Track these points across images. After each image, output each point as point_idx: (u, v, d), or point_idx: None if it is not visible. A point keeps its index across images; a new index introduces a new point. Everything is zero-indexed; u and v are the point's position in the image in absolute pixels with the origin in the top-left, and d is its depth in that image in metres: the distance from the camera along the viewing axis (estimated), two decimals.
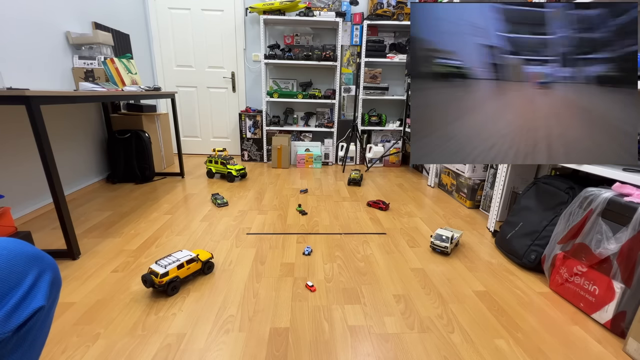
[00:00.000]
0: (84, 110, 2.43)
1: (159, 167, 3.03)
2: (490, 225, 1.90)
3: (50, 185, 1.36)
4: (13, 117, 1.82)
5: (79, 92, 1.55)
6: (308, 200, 2.33)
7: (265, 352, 0.97)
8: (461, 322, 1.12)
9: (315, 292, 1.27)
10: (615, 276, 1.07)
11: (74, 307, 1.15)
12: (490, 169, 2.13)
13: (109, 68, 2.16)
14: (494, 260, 1.55)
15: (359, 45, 3.48)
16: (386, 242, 1.72)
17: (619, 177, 1.14)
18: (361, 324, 1.10)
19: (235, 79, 3.59)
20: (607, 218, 1.11)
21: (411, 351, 0.99)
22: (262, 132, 3.46)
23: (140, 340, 1.01)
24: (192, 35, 3.43)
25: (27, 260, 0.47)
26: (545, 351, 1.00)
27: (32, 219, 1.91)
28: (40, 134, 1.29)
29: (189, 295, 1.23)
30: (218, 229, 1.82)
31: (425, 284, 1.35)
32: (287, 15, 3.14)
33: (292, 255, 1.55)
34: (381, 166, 3.54)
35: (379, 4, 3.32)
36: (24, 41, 1.88)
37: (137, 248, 1.58)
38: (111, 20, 2.74)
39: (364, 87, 3.44)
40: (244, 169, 2.83)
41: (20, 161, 1.88)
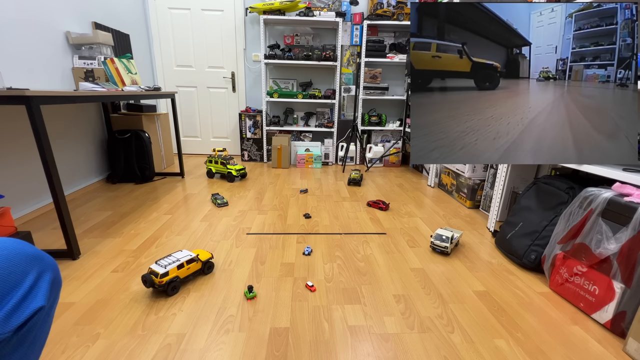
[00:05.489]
0: (84, 110, 2.43)
1: (159, 167, 3.03)
2: (490, 225, 1.90)
3: (50, 185, 1.36)
4: (13, 117, 1.82)
5: (79, 92, 1.55)
6: (308, 200, 2.33)
7: (265, 352, 0.97)
8: (461, 322, 1.12)
9: (315, 292, 1.27)
10: (615, 276, 1.07)
11: (74, 307, 1.15)
12: (490, 169, 2.13)
13: (109, 68, 2.16)
14: (494, 260, 1.55)
15: (359, 45, 3.48)
16: (386, 242, 1.72)
17: (619, 177, 1.14)
18: (361, 324, 1.10)
19: (235, 79, 3.59)
20: (607, 218, 1.11)
21: (411, 351, 0.99)
22: (262, 132, 3.46)
23: (140, 340, 1.01)
24: (192, 35, 3.43)
25: (27, 260, 0.47)
26: (545, 351, 1.00)
27: (32, 219, 1.91)
28: (40, 134, 1.29)
29: (189, 295, 1.23)
30: (218, 229, 1.82)
31: (425, 284, 1.35)
32: (287, 15, 3.14)
33: (292, 255, 1.55)
34: (381, 166, 3.54)
35: (379, 4, 3.32)
36: (24, 41, 1.88)
37: (137, 248, 1.58)
38: (111, 20, 2.74)
39: (364, 87, 3.44)
40: (244, 169, 2.83)
41: (20, 161, 1.88)
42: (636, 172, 1.13)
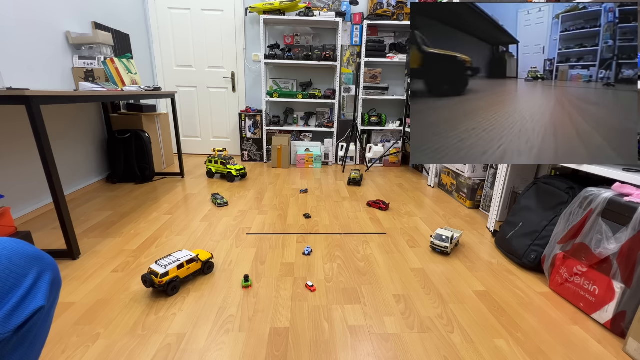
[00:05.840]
0: (84, 110, 2.43)
1: (159, 167, 3.03)
2: (490, 225, 1.90)
3: (50, 185, 1.36)
4: (13, 117, 1.82)
5: (79, 92, 1.55)
6: (308, 200, 2.33)
7: (265, 352, 0.97)
8: (461, 322, 1.12)
9: (315, 292, 1.27)
10: (615, 276, 1.07)
11: (74, 307, 1.15)
12: (490, 169, 2.13)
13: (109, 68, 2.16)
14: (494, 260, 1.55)
15: (359, 45, 3.48)
16: (386, 242, 1.72)
17: (619, 177, 1.14)
18: (361, 324, 1.10)
19: (235, 79, 3.59)
20: (607, 218, 1.11)
21: (411, 351, 0.99)
22: (262, 132, 3.46)
23: (140, 340, 1.01)
24: (192, 35, 3.43)
25: (27, 260, 0.47)
26: (545, 351, 1.00)
27: (32, 219, 1.91)
28: (40, 134, 1.29)
29: (189, 295, 1.23)
30: (218, 229, 1.82)
31: (425, 284, 1.35)
32: (287, 15, 3.14)
33: (292, 255, 1.55)
34: (381, 166, 3.54)
35: (379, 4, 3.32)
36: (24, 41, 1.88)
37: (137, 248, 1.58)
38: (111, 20, 2.74)
39: (364, 87, 3.44)
40: (244, 169, 2.83)
41: (20, 161, 1.88)
42: (636, 172, 1.13)
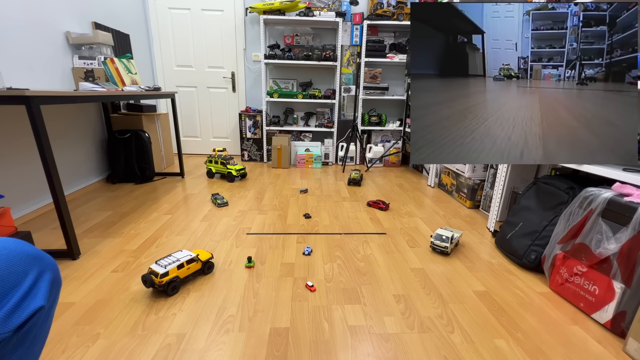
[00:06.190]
0: (84, 110, 2.43)
1: (159, 167, 3.03)
2: (490, 225, 1.90)
3: (50, 185, 1.36)
4: (13, 117, 1.82)
5: (79, 92, 1.55)
6: (308, 200, 2.33)
7: (265, 352, 0.97)
8: (461, 322, 1.12)
9: (315, 292, 1.27)
10: (615, 276, 1.07)
11: (74, 307, 1.15)
12: (490, 169, 2.13)
13: (109, 68, 2.16)
14: (494, 260, 1.55)
15: (359, 45, 3.48)
16: (386, 242, 1.72)
17: (619, 177, 1.14)
18: (361, 324, 1.10)
19: (235, 79, 3.59)
20: (607, 218, 1.11)
21: (411, 351, 0.99)
22: (262, 132, 3.46)
23: (140, 340, 1.01)
24: (192, 35, 3.43)
25: (27, 260, 0.47)
26: (545, 351, 1.00)
27: (32, 219, 1.91)
28: (40, 134, 1.29)
29: (189, 295, 1.23)
30: (218, 229, 1.82)
31: (425, 284, 1.35)
32: (287, 15, 3.14)
33: (292, 255, 1.55)
34: (381, 166, 3.54)
35: (379, 4, 3.32)
36: (24, 41, 1.88)
37: (137, 248, 1.58)
38: (111, 20, 2.74)
39: (364, 87, 3.44)
40: (244, 169, 2.83)
41: (21, 161, 1.88)
42: (636, 172, 1.13)
